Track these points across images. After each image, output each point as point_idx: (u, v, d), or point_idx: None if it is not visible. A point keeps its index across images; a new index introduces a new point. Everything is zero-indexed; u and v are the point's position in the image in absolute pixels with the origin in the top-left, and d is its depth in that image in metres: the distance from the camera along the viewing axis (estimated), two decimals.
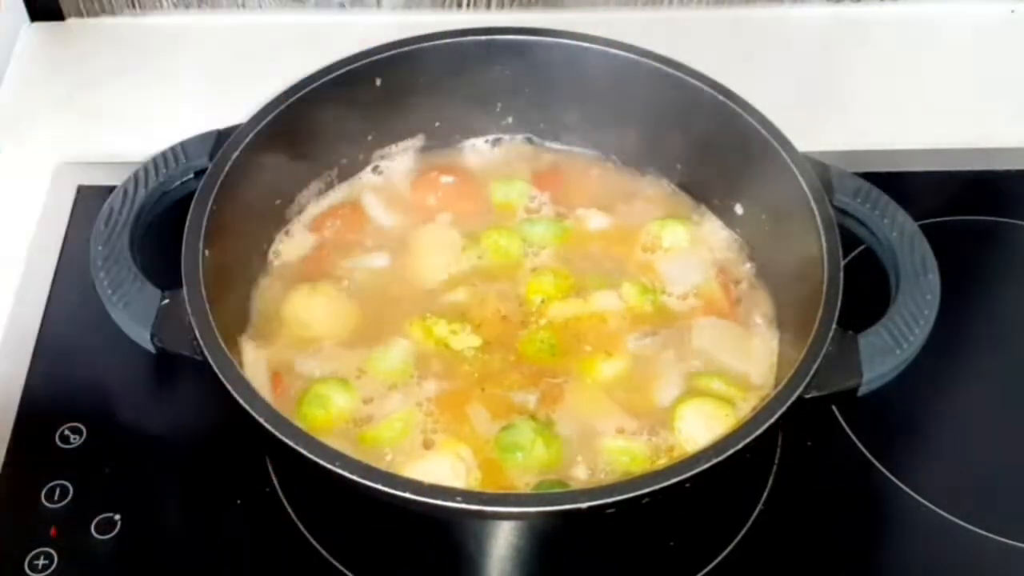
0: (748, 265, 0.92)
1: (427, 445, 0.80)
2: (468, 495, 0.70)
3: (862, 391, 0.77)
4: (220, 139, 0.86)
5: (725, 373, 0.85)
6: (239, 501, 0.84)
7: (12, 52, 1.16)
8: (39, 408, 0.88)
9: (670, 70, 0.90)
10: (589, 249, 0.93)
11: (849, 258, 0.83)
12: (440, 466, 0.78)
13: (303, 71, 0.89)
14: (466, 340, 0.86)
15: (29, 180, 1.04)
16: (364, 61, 0.91)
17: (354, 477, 0.68)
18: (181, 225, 0.80)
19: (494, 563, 0.81)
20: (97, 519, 0.82)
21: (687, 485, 0.69)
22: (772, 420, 0.72)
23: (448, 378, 0.84)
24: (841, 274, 0.78)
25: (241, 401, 0.72)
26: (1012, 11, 1.23)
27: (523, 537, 0.80)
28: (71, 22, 1.18)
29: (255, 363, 0.84)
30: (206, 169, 0.84)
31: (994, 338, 0.96)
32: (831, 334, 0.76)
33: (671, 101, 0.91)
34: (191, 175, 0.85)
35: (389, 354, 0.85)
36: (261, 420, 0.71)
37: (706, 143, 0.91)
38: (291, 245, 0.92)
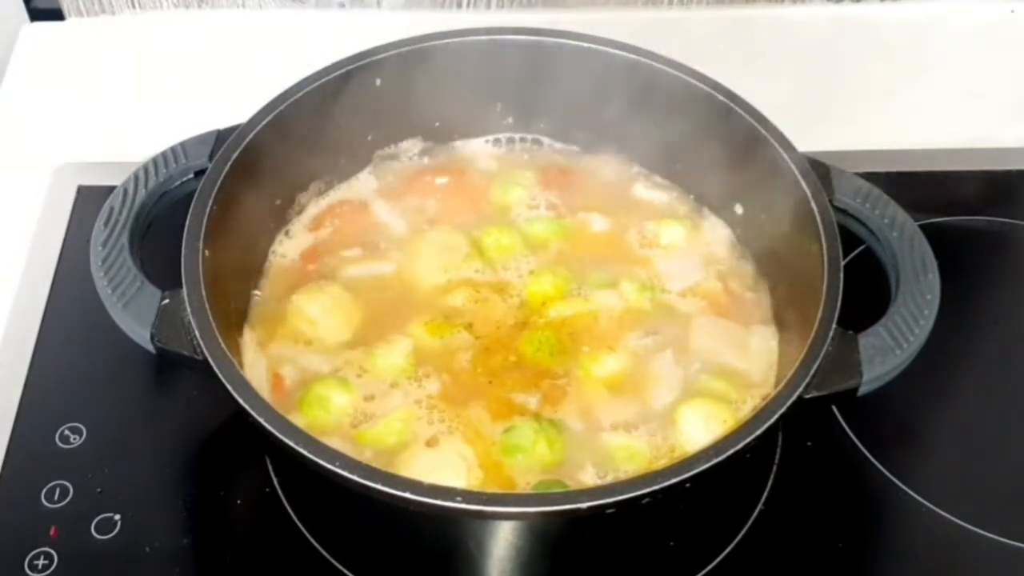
0: (748, 265, 0.92)
1: (428, 444, 0.80)
2: (468, 495, 0.69)
3: (862, 391, 0.77)
4: (220, 139, 0.86)
5: (725, 372, 0.85)
6: (239, 501, 0.85)
7: (12, 52, 1.16)
8: (39, 408, 0.88)
9: (670, 70, 0.90)
10: (588, 248, 0.93)
11: (849, 258, 0.83)
12: (441, 465, 0.78)
13: (303, 71, 0.89)
14: (467, 340, 0.86)
15: (29, 180, 1.04)
16: (364, 61, 0.91)
17: (354, 477, 0.68)
18: (181, 225, 0.80)
19: (494, 563, 0.81)
20: (97, 519, 0.82)
21: (687, 485, 0.69)
22: (772, 420, 0.72)
23: (449, 377, 0.84)
24: (841, 274, 0.78)
25: (241, 401, 0.72)
26: (1012, 11, 1.23)
27: (523, 537, 0.80)
28: (71, 22, 1.18)
29: (255, 363, 0.84)
30: (206, 169, 0.84)
31: (994, 338, 0.96)
32: (831, 334, 0.76)
33: (671, 101, 0.91)
34: (191, 175, 0.85)
35: (391, 352, 0.85)
36: (261, 420, 0.71)
37: (706, 143, 0.91)
38: (291, 245, 0.92)
